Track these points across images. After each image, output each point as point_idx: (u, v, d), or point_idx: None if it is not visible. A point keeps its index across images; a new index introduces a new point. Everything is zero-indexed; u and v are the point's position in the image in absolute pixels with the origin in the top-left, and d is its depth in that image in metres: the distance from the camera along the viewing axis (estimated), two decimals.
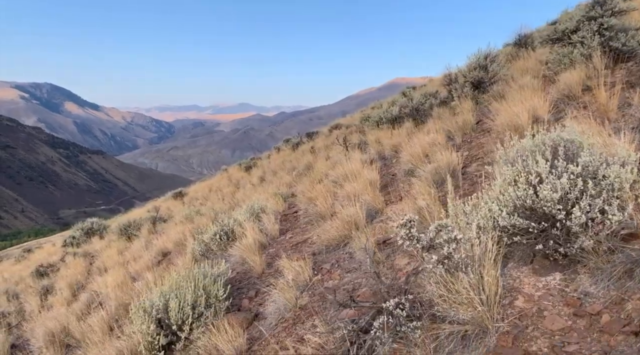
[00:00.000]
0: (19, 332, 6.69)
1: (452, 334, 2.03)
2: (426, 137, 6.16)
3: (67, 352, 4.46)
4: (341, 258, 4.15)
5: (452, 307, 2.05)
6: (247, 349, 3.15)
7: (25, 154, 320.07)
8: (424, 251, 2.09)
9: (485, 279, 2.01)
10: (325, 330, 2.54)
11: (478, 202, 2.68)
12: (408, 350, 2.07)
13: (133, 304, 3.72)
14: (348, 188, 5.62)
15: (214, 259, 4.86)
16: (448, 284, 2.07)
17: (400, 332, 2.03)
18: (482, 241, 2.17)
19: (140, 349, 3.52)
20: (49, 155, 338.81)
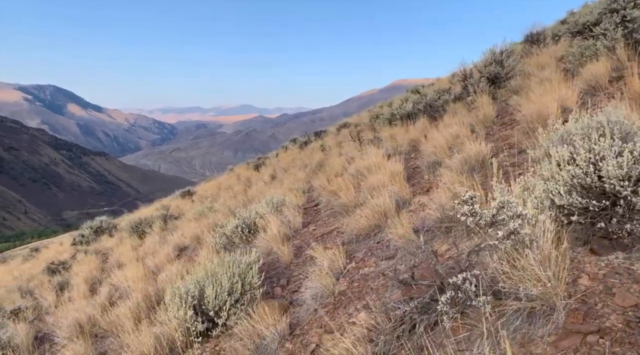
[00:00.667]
0: (40, 325, 6.67)
1: (519, 311, 2.00)
2: (449, 130, 6.13)
3: (96, 341, 4.43)
4: (373, 247, 4.12)
5: (517, 284, 2.02)
6: (289, 333, 3.12)
7: (29, 156, 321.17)
8: (487, 227, 2.06)
9: (553, 255, 1.98)
10: (378, 310, 2.51)
11: (526, 184, 2.66)
12: (474, 326, 2.05)
13: (169, 291, 3.70)
14: (372, 180, 5.59)
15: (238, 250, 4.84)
16: (513, 260, 2.04)
17: (468, 306, 2.00)
18: (540, 220, 2.14)
19: (178, 335, 3.50)
20: (52, 157, 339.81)
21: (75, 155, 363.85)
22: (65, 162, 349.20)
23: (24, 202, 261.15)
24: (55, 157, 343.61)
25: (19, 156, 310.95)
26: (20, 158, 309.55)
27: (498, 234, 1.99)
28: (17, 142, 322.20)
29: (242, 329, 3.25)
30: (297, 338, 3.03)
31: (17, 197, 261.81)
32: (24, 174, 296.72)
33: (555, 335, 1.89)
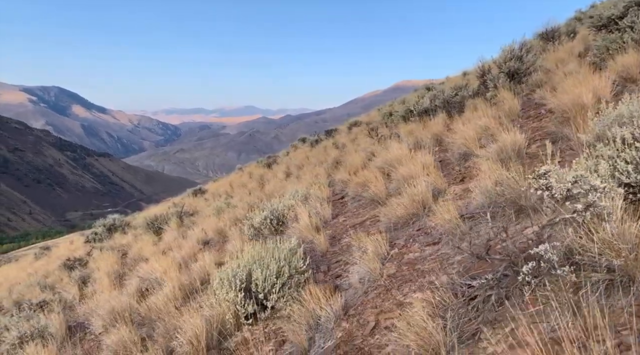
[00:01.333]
0: (71, 314, 6.73)
1: (597, 282, 2.03)
2: (478, 122, 6.15)
3: (136, 327, 4.47)
4: (413, 234, 4.15)
5: (595, 257, 2.05)
6: (343, 314, 3.16)
7: (33, 157, 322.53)
8: (563, 201, 2.09)
9: (632, 228, 2.01)
10: (446, 286, 2.54)
11: (586, 164, 2.69)
12: (550, 298, 2.07)
13: (216, 275, 3.75)
14: (402, 171, 5.62)
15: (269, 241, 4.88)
16: (590, 232, 2.07)
17: (548, 275, 2.02)
18: (615, 193, 2.18)
19: (228, 317, 3.54)
20: (57, 158, 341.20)
21: (79, 156, 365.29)
22: (70, 163, 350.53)
23: (28, 203, 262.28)
24: (60, 158, 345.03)
25: (24, 157, 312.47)
26: (24, 159, 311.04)
27: (577, 207, 2.02)
28: (22, 143, 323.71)
29: (295, 309, 3.28)
30: (353, 318, 3.07)
31: (22, 198, 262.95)
32: (29, 174, 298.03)
33: (637, 305, 1.92)
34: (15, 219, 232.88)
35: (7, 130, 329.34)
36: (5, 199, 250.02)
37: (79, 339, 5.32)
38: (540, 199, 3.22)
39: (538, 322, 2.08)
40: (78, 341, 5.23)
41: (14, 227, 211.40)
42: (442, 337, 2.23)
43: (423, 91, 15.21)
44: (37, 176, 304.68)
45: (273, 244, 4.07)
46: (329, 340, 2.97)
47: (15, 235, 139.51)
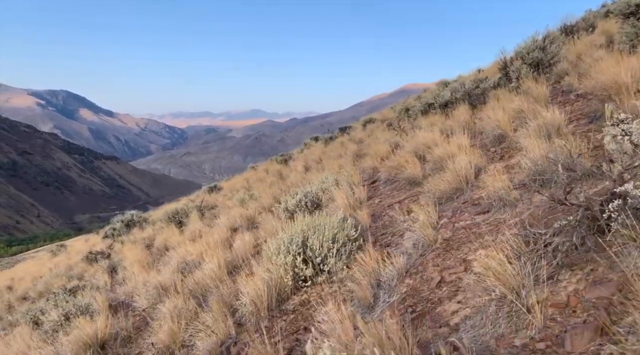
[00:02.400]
0: (111, 295, 6.89)
1: None
2: (511, 105, 6.26)
3: (190, 299, 4.60)
4: (459, 207, 4.26)
5: None
6: (405, 272, 3.28)
7: (42, 160, 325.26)
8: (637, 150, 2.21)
9: None
10: (516, 236, 2.65)
11: None
12: (630, 239, 2.18)
13: (273, 242, 3.88)
14: (438, 152, 5.74)
15: None
16: None
17: (636, 213, 2.12)
18: None
19: (287, 279, 3.67)
20: (65, 161, 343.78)
21: (87, 160, 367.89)
22: (78, 166, 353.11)
23: (36, 206, 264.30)
24: (68, 161, 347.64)
25: (32, 160, 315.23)
26: (33, 162, 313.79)
27: None
28: (31, 146, 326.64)
29: (355, 271, 3.40)
30: (415, 275, 3.19)
31: (30, 201, 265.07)
32: (37, 177, 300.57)
33: None
34: (23, 222, 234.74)
35: (16, 134, 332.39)
36: (14, 202, 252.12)
37: (123, 315, 5.46)
38: (596, 165, 3.34)
39: (619, 262, 2.18)
40: (123, 316, 5.37)
41: (22, 230, 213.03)
42: (519, 279, 2.35)
43: (440, 87, 15.30)
44: (45, 179, 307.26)
45: (323, 216, 4.19)
46: (393, 296, 3.09)
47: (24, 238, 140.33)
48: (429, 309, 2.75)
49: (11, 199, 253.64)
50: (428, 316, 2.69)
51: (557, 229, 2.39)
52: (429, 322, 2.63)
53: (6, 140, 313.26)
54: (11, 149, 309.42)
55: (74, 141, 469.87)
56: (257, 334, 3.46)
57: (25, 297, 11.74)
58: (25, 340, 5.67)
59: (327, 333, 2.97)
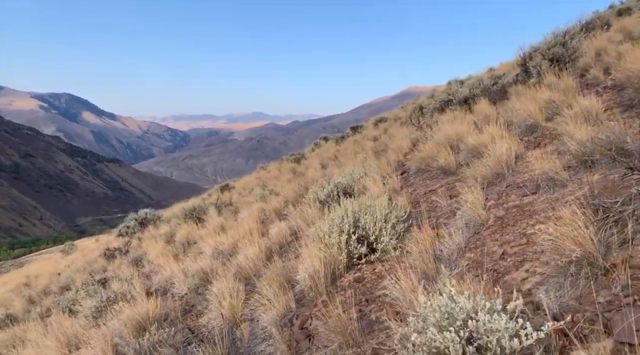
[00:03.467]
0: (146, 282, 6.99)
1: None
2: (542, 96, 6.38)
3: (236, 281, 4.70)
4: (503, 190, 4.35)
5: None
6: (464, 247, 3.38)
7: (45, 163, 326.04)
8: None
9: None
10: (583, 206, 2.75)
11: None
12: None
13: (325, 221, 3.98)
14: (472, 141, 5.84)
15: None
16: None
17: None
18: None
19: (342, 257, 3.77)
20: (67, 164, 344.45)
21: (89, 162, 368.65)
22: (80, 169, 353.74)
23: (39, 208, 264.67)
24: (70, 164, 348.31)
25: (35, 163, 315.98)
26: (36, 165, 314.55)
27: None
28: (33, 149, 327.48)
29: (411, 247, 3.50)
30: (475, 249, 3.29)
31: (33, 203, 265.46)
32: (40, 180, 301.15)
33: None
34: (26, 224, 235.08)
35: (19, 137, 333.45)
36: (17, 204, 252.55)
37: (163, 300, 5.56)
38: None
39: None
40: (164, 301, 5.47)
41: (25, 233, 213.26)
42: (593, 244, 2.44)
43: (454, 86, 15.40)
44: (48, 182, 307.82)
45: (371, 198, 4.30)
46: (455, 268, 3.19)
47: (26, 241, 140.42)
48: (497, 277, 2.85)
49: (14, 201, 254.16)
50: (497, 284, 2.79)
51: (629, 196, 2.49)
52: (500, 289, 2.73)
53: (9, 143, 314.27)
54: (14, 152, 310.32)
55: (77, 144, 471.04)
56: (318, 308, 3.57)
57: (47, 291, 11.85)
58: (65, 325, 5.78)
59: (394, 304, 3.08)
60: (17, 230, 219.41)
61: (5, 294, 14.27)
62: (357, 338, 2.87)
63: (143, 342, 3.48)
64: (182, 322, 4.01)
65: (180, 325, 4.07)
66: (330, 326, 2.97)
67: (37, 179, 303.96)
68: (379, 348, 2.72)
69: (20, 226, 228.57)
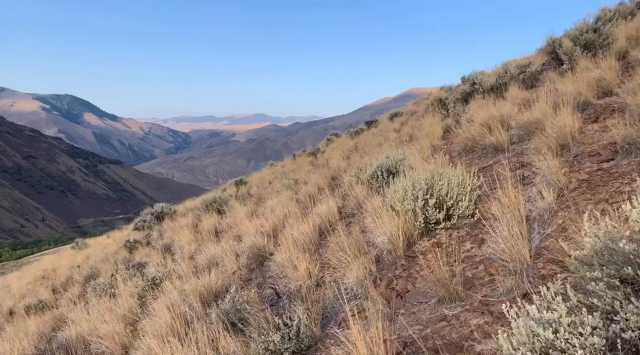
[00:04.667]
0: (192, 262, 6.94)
1: None
2: (591, 74, 6.33)
3: (314, 252, 4.64)
4: (573, 160, 4.30)
5: None
6: (555, 207, 3.32)
7: (47, 164, 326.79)
8: None
9: None
10: None
11: None
12: None
13: (399, 187, 3.93)
14: (523, 118, 5.80)
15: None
16: None
17: None
18: None
19: (418, 223, 3.72)
20: (69, 165, 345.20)
21: (91, 164, 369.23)
22: (82, 170, 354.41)
23: (41, 210, 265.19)
24: (72, 165, 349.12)
25: (37, 164, 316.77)
26: (38, 166, 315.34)
27: None
28: (35, 150, 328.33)
29: (494, 210, 3.44)
30: (568, 209, 3.23)
31: (35, 205, 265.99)
32: (42, 181, 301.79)
33: None
34: (28, 226, 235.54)
35: (21, 138, 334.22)
36: (19, 206, 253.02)
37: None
38: None
39: None
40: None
41: (27, 234, 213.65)
42: None
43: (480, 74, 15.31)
44: (50, 183, 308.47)
45: (444, 165, 4.24)
46: (548, 227, 3.13)
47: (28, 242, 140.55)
48: None
49: (16, 202, 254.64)
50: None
51: None
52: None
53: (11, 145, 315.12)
54: (16, 153, 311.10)
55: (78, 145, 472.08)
56: (399, 271, 3.51)
57: (70, 282, 11.79)
58: (108, 305, 5.73)
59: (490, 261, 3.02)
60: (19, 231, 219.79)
61: (27, 285, 14.22)
62: (459, 293, 2.81)
63: (224, 304, 3.42)
64: (258, 286, 3.95)
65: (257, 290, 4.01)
66: (429, 282, 2.92)
67: (39, 180, 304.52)
68: (487, 300, 2.66)
69: (22, 227, 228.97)
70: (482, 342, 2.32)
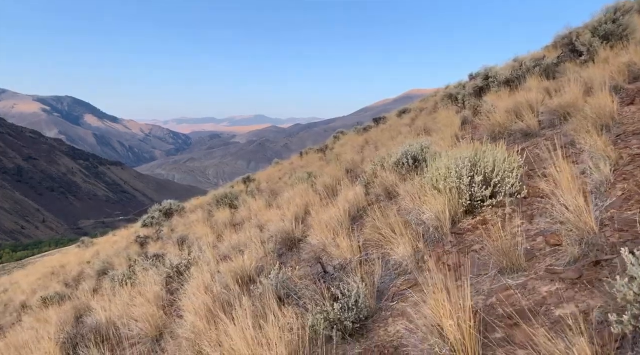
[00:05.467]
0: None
1: None
2: (621, 60, 6.27)
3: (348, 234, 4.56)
4: (617, 139, 4.23)
5: None
6: (612, 179, 3.24)
7: (47, 166, 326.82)
8: None
9: None
10: None
11: None
12: None
13: (442, 165, 3.86)
14: (554, 103, 5.74)
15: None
16: None
17: None
18: None
19: (463, 201, 3.64)
20: (70, 167, 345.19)
21: (92, 165, 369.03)
22: (82, 172, 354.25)
23: (41, 211, 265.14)
24: (73, 166, 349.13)
25: (38, 166, 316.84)
26: (38, 167, 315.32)
27: None
28: (36, 152, 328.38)
29: (544, 187, 3.36)
30: (626, 181, 3.15)
31: (36, 206, 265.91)
32: (43, 183, 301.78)
33: None
34: (28, 227, 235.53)
35: (22, 140, 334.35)
36: (20, 207, 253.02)
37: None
38: None
39: None
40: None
41: (27, 236, 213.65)
42: None
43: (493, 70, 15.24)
44: (50, 185, 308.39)
45: (485, 144, 4.16)
46: (607, 199, 3.05)
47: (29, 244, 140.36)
48: None
49: (17, 204, 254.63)
50: None
51: None
52: None
53: (12, 146, 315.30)
54: (17, 155, 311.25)
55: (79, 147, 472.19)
56: (447, 247, 3.44)
57: (81, 276, 11.72)
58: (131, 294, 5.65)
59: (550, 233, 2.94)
60: (20, 233, 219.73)
61: (37, 281, 14.14)
62: (521, 263, 2.73)
63: (270, 280, 3.34)
64: (294, 268, 3.86)
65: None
66: (486, 254, 2.85)
67: (40, 181, 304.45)
68: (553, 269, 2.58)
69: (22, 229, 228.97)
70: (560, 306, 2.24)
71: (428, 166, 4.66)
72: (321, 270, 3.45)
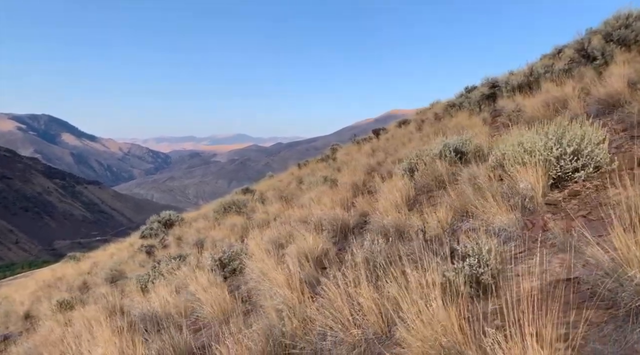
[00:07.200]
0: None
1: None
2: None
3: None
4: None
5: None
6: None
7: (22, 185, 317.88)
8: None
9: None
10: None
11: None
12: None
13: (525, 140, 3.82)
14: (599, 92, 5.83)
15: None
16: None
17: None
18: None
19: (555, 172, 3.60)
20: (45, 186, 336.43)
21: (68, 184, 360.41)
22: (59, 191, 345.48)
23: (15, 232, 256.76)
24: (49, 185, 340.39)
25: (12, 185, 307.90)
26: (12, 187, 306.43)
27: None
28: (10, 170, 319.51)
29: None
30: None
31: (9, 227, 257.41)
32: (17, 203, 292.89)
33: None
34: (1, 249, 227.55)
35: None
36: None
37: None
38: None
39: None
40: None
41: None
42: None
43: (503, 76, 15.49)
44: (24, 204, 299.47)
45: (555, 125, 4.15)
46: None
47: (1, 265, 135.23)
48: None
49: None
50: None
51: None
52: None
53: None
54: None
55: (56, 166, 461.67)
56: (549, 214, 3.37)
57: (86, 286, 11.27)
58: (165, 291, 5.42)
59: None
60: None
61: (34, 293, 13.52)
62: None
63: (363, 250, 3.21)
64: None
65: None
66: (599, 218, 2.78)
67: (14, 201, 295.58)
68: None
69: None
70: None
71: (489, 152, 4.64)
72: (422, 237, 3.33)
